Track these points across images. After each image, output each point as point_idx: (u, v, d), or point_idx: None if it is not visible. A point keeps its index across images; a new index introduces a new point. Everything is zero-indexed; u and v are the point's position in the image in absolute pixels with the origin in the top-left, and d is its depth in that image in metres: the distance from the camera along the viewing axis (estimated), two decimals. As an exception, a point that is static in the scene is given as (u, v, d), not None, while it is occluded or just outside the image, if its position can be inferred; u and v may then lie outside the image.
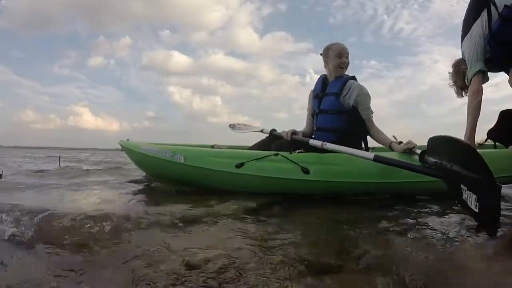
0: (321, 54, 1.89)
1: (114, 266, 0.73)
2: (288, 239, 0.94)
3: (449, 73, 2.15)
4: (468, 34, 1.83)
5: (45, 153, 9.88)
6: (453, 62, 2.11)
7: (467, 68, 1.88)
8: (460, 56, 2.01)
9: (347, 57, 1.81)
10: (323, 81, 1.88)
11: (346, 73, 1.84)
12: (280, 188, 1.60)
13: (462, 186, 0.99)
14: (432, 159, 1.24)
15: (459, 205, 1.10)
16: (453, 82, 2.13)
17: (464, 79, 1.94)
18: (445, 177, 1.14)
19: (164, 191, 1.81)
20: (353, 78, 1.81)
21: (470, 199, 0.94)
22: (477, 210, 0.91)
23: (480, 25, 1.77)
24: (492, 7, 1.71)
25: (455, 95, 2.13)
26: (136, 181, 2.16)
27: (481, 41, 1.78)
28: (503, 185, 1.13)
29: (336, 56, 1.79)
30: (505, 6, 1.65)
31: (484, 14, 1.75)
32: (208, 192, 1.61)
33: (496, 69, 1.93)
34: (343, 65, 1.80)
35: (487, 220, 0.91)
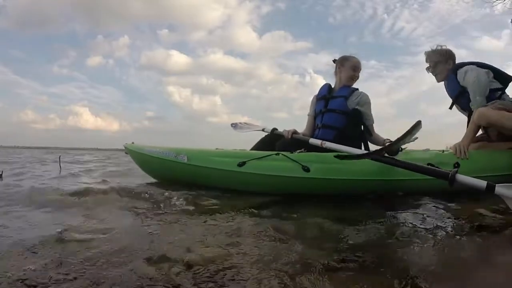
0: (333, 61, 2.07)
1: (114, 264, 0.72)
2: (288, 238, 0.95)
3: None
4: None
5: (43, 153, 9.73)
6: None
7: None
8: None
9: (359, 72, 2.02)
10: (329, 88, 2.06)
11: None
12: (280, 186, 1.62)
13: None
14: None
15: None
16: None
17: None
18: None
19: (165, 191, 1.83)
20: (357, 89, 1.98)
21: None
22: None
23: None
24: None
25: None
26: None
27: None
28: (496, 184, 1.15)
29: (351, 69, 1.99)
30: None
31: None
32: (210, 190, 1.63)
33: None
34: (355, 78, 2.01)
35: None
